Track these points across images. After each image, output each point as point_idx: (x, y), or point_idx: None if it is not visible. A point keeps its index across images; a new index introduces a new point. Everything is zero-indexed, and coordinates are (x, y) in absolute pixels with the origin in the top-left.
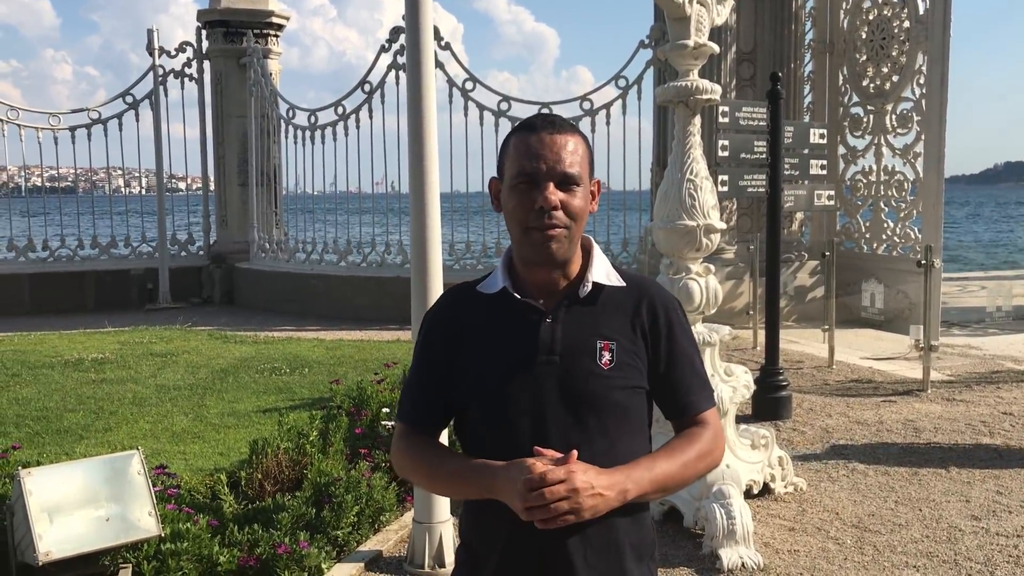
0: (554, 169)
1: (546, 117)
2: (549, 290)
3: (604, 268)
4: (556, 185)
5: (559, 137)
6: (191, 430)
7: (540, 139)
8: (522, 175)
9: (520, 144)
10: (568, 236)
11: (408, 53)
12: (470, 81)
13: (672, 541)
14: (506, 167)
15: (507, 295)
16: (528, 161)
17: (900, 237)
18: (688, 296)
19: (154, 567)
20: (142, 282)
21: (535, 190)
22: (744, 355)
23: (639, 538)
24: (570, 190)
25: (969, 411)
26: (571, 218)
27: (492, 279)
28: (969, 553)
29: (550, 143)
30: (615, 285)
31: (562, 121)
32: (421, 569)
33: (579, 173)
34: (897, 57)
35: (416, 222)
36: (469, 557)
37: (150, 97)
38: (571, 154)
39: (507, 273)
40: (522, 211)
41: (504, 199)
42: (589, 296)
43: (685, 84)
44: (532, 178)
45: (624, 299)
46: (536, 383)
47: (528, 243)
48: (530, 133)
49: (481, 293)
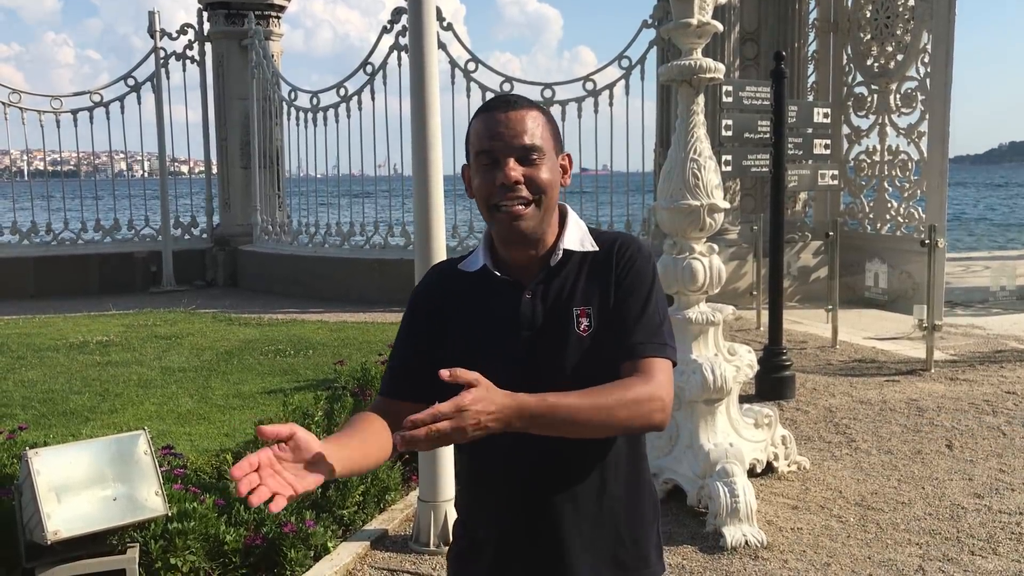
0: (511, 144)
1: (502, 97)
2: (528, 264)
3: (578, 235)
4: (517, 160)
5: (514, 113)
6: (196, 411)
7: (496, 118)
8: (482, 154)
9: (479, 125)
10: (536, 212)
11: (410, 34)
12: (472, 62)
13: (676, 519)
14: (470, 151)
15: (487, 273)
16: (487, 140)
17: (904, 217)
18: (692, 276)
19: (161, 546)
20: (146, 265)
21: (496, 167)
22: (748, 335)
23: (641, 505)
24: (533, 163)
25: (972, 390)
26: (537, 192)
27: (474, 257)
28: (971, 530)
29: (506, 120)
30: (589, 250)
31: (519, 98)
32: (427, 547)
33: (540, 144)
34: (901, 36)
35: (419, 204)
36: (465, 532)
37: (152, 80)
38: (531, 127)
39: (488, 251)
40: (485, 190)
41: (472, 182)
42: (561, 264)
43: (688, 63)
44: (492, 156)
45: (599, 261)
46: (518, 358)
47: (496, 223)
48: (486, 113)
49: (462, 271)
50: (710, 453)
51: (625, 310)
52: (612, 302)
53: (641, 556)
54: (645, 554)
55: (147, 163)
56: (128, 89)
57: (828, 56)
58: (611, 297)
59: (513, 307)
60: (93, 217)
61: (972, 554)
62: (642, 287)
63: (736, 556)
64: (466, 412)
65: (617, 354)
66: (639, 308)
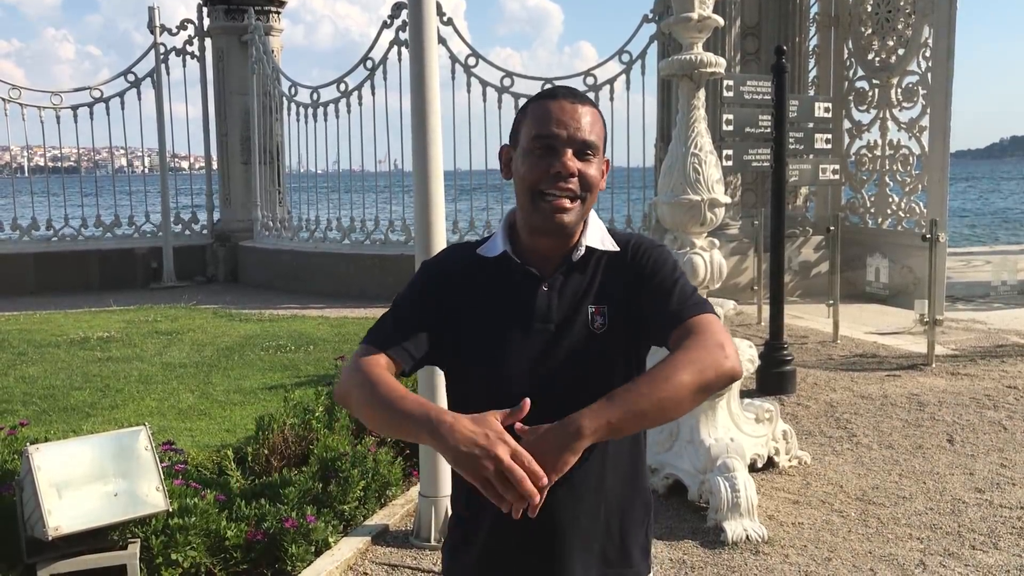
0: (574, 136)
1: (567, 88)
2: (548, 256)
3: (599, 233)
4: (574, 153)
5: (580, 107)
6: (197, 407)
7: (561, 106)
8: (540, 138)
9: (540, 110)
10: (580, 208)
11: (410, 28)
12: (473, 57)
13: (677, 514)
14: (522, 132)
15: (507, 259)
16: (548, 126)
17: (905, 212)
18: (692, 270)
19: (162, 542)
20: (146, 261)
21: (552, 155)
22: (749, 330)
23: (633, 503)
24: (587, 159)
25: (973, 385)
26: (585, 188)
27: (492, 242)
28: (972, 525)
29: (571, 111)
30: (609, 249)
31: (582, 94)
32: (427, 542)
33: (596, 143)
34: (903, 30)
35: (420, 199)
36: (458, 523)
37: (152, 75)
38: (591, 124)
39: (507, 237)
40: (535, 175)
41: (516, 165)
42: (584, 261)
43: (689, 57)
44: (551, 143)
45: (617, 260)
46: (532, 349)
47: (537, 210)
48: (551, 100)
49: (481, 256)
50: (711, 448)
51: (655, 288)
52: (637, 295)
53: (625, 554)
54: (629, 552)
55: (148, 159)
56: (128, 85)
57: (829, 50)
58: (628, 295)
59: (529, 298)
60: (93, 213)
61: (973, 548)
62: (665, 267)
63: (737, 551)
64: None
65: (661, 331)
66: (670, 283)
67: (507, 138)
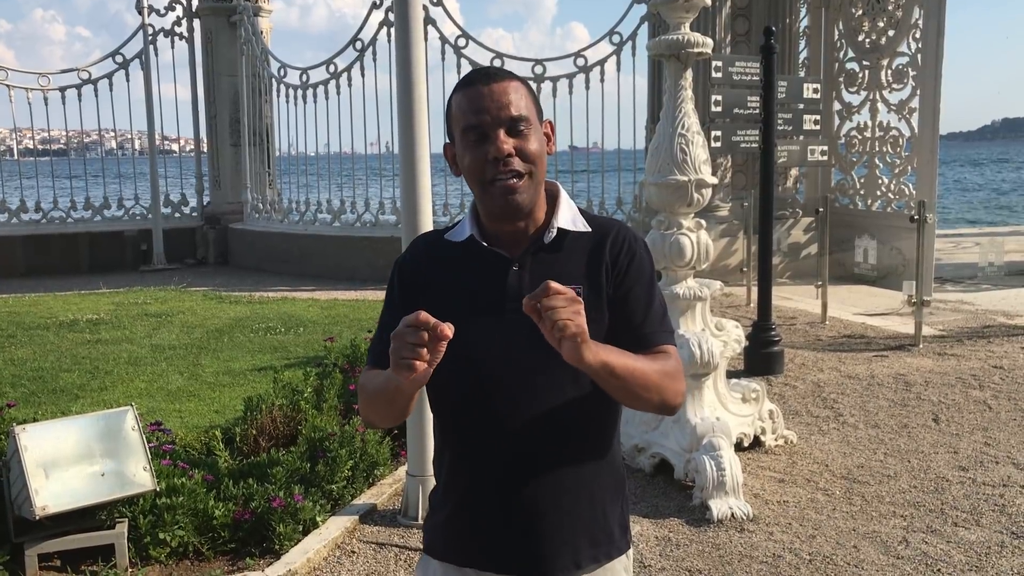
0: (499, 116)
1: (481, 70)
2: (516, 238)
3: (570, 214)
4: (506, 132)
5: (497, 85)
6: (187, 389)
7: (479, 91)
8: (469, 129)
9: (461, 101)
10: (530, 184)
11: (396, 7)
12: (463, 38)
13: (663, 493)
14: (454, 128)
15: (474, 243)
16: (473, 115)
17: (895, 193)
18: (679, 251)
19: (150, 521)
20: (136, 243)
21: (486, 141)
22: (738, 312)
23: (607, 480)
24: (521, 134)
25: (960, 365)
26: (529, 162)
27: (460, 228)
28: (955, 502)
29: (489, 93)
30: (581, 231)
31: (498, 70)
32: (415, 521)
33: (526, 115)
34: (893, 11)
35: (406, 181)
36: (441, 502)
37: (140, 57)
38: (515, 98)
39: (474, 222)
40: (476, 165)
41: (459, 159)
42: (555, 242)
43: (676, 37)
44: (480, 130)
45: (589, 243)
46: (503, 330)
47: (489, 198)
48: (468, 87)
49: (449, 241)
50: (697, 427)
51: (633, 300)
52: (613, 290)
53: (607, 532)
54: (610, 530)
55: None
56: (116, 66)
57: (820, 32)
58: (605, 282)
59: (500, 279)
60: (83, 196)
61: (955, 525)
62: (643, 277)
63: (722, 528)
64: (573, 307)
65: (625, 341)
66: (646, 298)
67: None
